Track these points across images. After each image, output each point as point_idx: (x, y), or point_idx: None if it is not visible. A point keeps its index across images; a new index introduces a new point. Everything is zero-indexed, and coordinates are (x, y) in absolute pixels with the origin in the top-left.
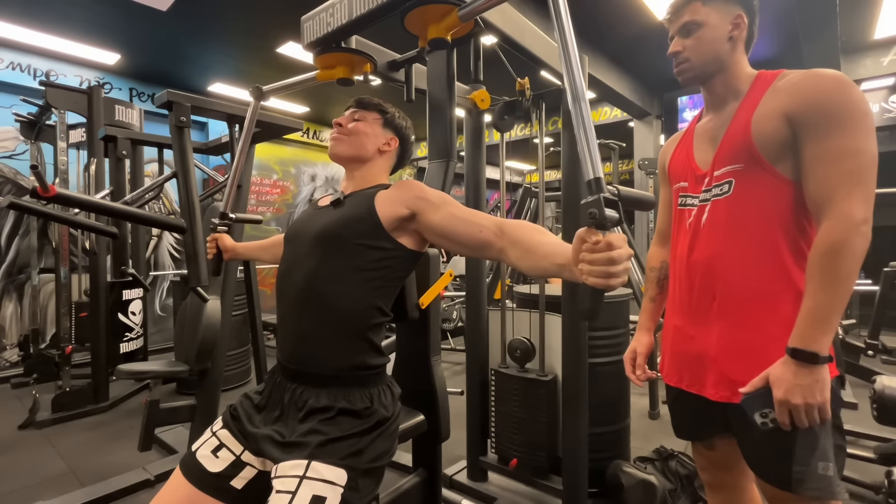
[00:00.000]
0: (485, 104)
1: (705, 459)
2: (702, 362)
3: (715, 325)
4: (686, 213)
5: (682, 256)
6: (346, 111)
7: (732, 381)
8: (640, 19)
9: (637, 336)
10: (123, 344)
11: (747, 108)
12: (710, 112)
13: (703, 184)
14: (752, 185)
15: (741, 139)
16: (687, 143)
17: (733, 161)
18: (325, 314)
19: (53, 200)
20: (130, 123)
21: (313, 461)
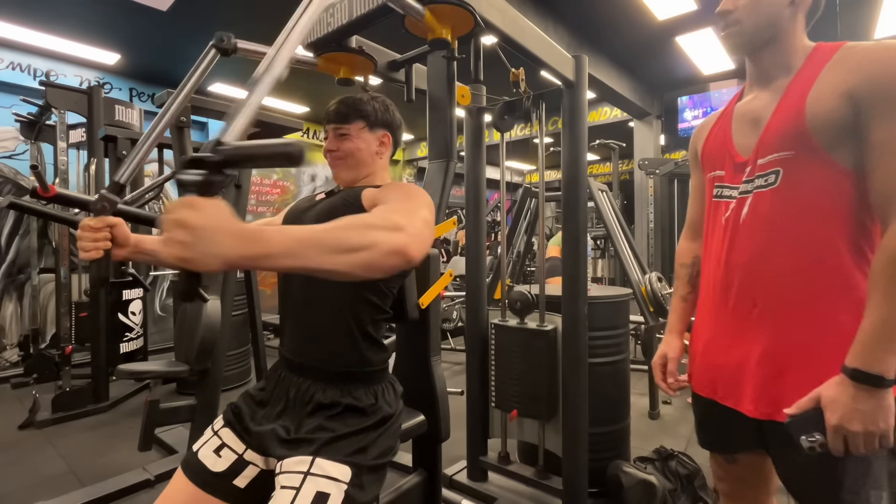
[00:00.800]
0: (465, 100)
1: (724, 471)
2: (739, 374)
3: (755, 334)
4: (722, 206)
5: (718, 256)
6: (328, 130)
7: (774, 398)
8: (641, 19)
9: (666, 339)
10: (123, 344)
11: (801, 85)
12: (755, 89)
13: (743, 173)
14: (804, 175)
15: (792, 122)
16: (724, 125)
17: (781, 147)
18: (323, 311)
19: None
20: (130, 123)
21: (318, 457)
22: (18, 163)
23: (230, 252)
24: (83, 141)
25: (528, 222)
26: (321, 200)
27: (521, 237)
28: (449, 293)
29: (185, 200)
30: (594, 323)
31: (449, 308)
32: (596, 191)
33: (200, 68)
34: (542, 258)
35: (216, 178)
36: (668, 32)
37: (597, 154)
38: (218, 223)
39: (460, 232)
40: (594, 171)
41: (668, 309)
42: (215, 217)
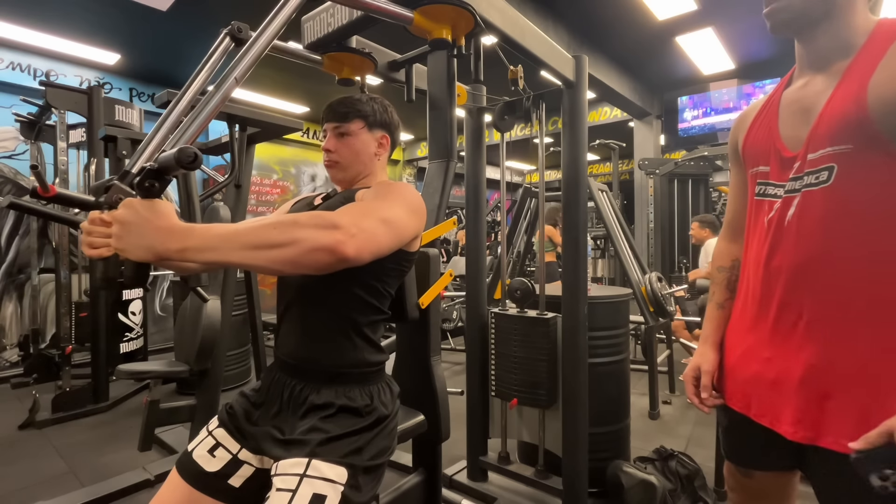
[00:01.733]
0: (461, 99)
1: (737, 483)
2: (779, 391)
3: (800, 348)
4: (765, 205)
5: (759, 260)
6: (326, 129)
7: (817, 422)
8: (641, 19)
9: (700, 350)
10: (123, 344)
11: (862, 69)
12: (806, 73)
13: (791, 169)
14: (863, 172)
15: (851, 110)
16: (770, 116)
17: (838, 140)
18: (321, 312)
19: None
20: (130, 123)
21: (314, 459)
22: (18, 163)
23: (157, 244)
24: (83, 141)
25: (528, 222)
26: (318, 206)
27: (521, 237)
28: (449, 293)
29: (125, 201)
30: (594, 323)
31: (449, 308)
32: (596, 191)
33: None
34: (542, 258)
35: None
36: (668, 32)
37: (597, 154)
38: (146, 220)
39: (460, 232)
40: (594, 171)
41: (669, 309)
42: (145, 214)
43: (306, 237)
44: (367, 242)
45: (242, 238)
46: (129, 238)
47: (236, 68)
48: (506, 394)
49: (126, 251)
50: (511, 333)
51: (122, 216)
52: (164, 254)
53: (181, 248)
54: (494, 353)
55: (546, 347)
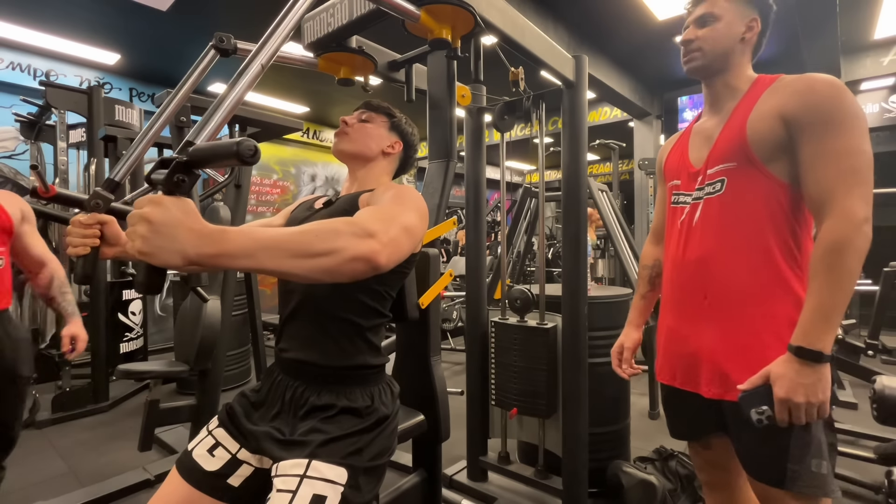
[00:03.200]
0: (465, 100)
1: (702, 459)
2: (695, 360)
3: (707, 323)
4: (679, 211)
5: (675, 255)
6: (355, 111)
7: (725, 378)
8: (641, 19)
9: (625, 331)
10: (123, 344)
11: (744, 108)
12: (708, 112)
13: (696, 182)
14: (745, 184)
15: (736, 138)
16: (683, 142)
17: (727, 160)
18: (323, 315)
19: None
20: (130, 123)
21: (314, 460)
22: (18, 163)
23: (189, 249)
24: (83, 141)
25: (528, 222)
26: (319, 210)
27: (521, 237)
28: (449, 293)
29: (150, 197)
30: (594, 323)
31: (449, 308)
32: (596, 191)
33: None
34: (542, 258)
35: (181, 178)
36: (668, 32)
37: (597, 154)
38: (179, 220)
39: (460, 232)
40: (594, 171)
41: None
42: (177, 214)
43: (346, 246)
44: (395, 251)
45: (283, 246)
46: (158, 240)
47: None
48: (506, 403)
49: (152, 255)
50: (511, 343)
51: (152, 215)
52: (196, 259)
53: (216, 253)
54: (494, 363)
55: (546, 357)
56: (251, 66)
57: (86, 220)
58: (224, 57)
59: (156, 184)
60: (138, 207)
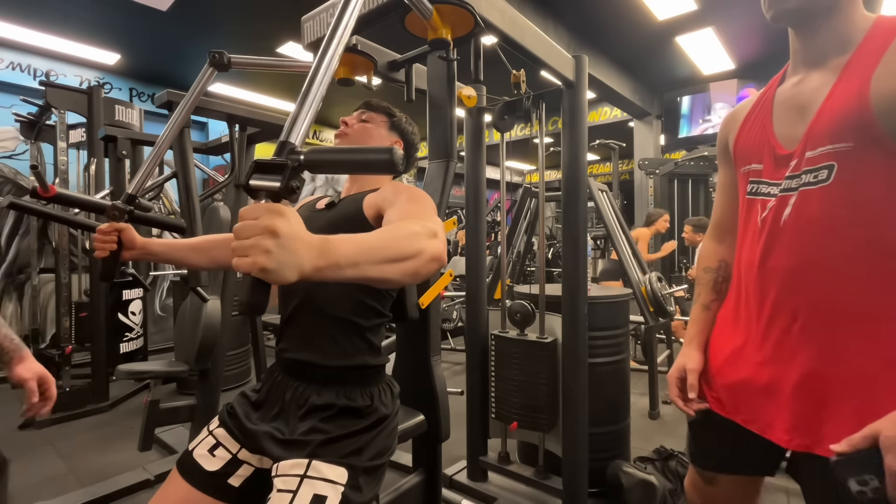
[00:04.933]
0: (471, 102)
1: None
2: (771, 397)
3: (795, 353)
4: (758, 204)
5: (752, 261)
6: (355, 111)
7: (814, 429)
8: (641, 19)
9: (686, 351)
10: (123, 344)
11: (865, 64)
12: (801, 70)
13: (787, 167)
14: (864, 171)
15: (852, 107)
16: (764, 114)
17: (837, 138)
18: (324, 316)
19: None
20: (130, 123)
21: (314, 460)
22: (18, 163)
23: (306, 263)
24: (83, 141)
25: (528, 222)
26: (321, 211)
27: (521, 237)
28: (449, 293)
29: (268, 207)
30: (594, 323)
31: (449, 308)
32: (596, 191)
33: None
34: (542, 258)
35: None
36: (668, 32)
37: (597, 154)
38: (298, 232)
39: (460, 232)
40: (594, 171)
41: (669, 309)
42: (296, 226)
43: (426, 247)
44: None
45: (381, 252)
46: (282, 255)
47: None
48: (506, 417)
49: (273, 272)
50: (511, 356)
51: (281, 227)
52: (309, 274)
53: (326, 265)
54: (494, 376)
55: (546, 371)
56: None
57: (105, 229)
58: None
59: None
60: (251, 217)
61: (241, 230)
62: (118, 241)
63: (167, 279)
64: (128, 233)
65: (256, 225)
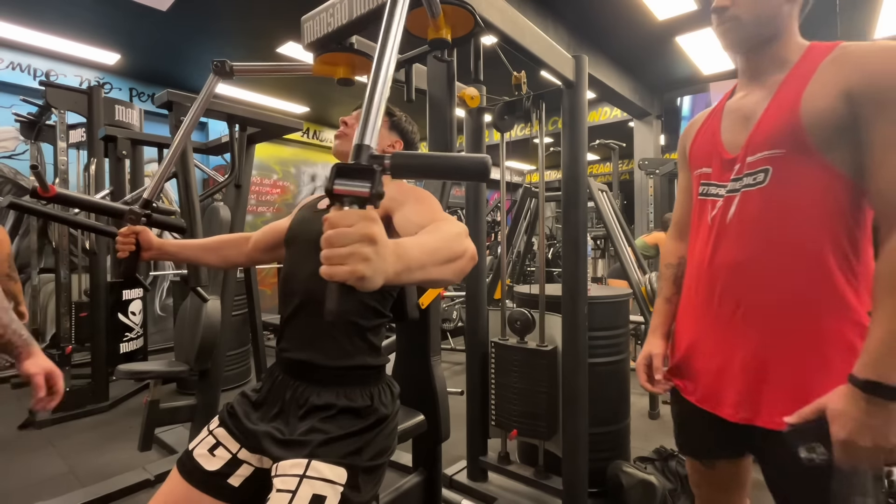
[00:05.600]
0: (474, 102)
1: (701, 477)
2: (720, 377)
3: (737, 338)
4: (708, 204)
5: (703, 256)
6: (354, 111)
7: (756, 401)
8: (641, 19)
9: (650, 340)
10: (123, 344)
11: (797, 82)
12: (747, 86)
13: (731, 171)
14: (795, 175)
15: (786, 118)
16: (714, 123)
17: (773, 145)
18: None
19: (53, 200)
20: (130, 123)
21: (314, 460)
22: (18, 163)
23: (390, 269)
24: (83, 141)
25: (528, 222)
26: (322, 211)
27: (521, 237)
28: (449, 293)
29: (365, 214)
30: (594, 323)
31: (449, 308)
32: (596, 191)
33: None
34: (542, 258)
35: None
36: (668, 32)
37: (597, 154)
38: (386, 241)
39: None
40: (594, 171)
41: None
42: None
43: (468, 246)
44: None
45: (440, 253)
46: (378, 262)
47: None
48: (506, 424)
49: (369, 280)
50: (511, 364)
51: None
52: (392, 280)
53: (402, 269)
54: (495, 384)
55: (546, 379)
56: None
57: (125, 232)
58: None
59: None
60: (346, 224)
61: (337, 238)
62: (136, 242)
63: (167, 279)
64: (145, 235)
65: (353, 233)
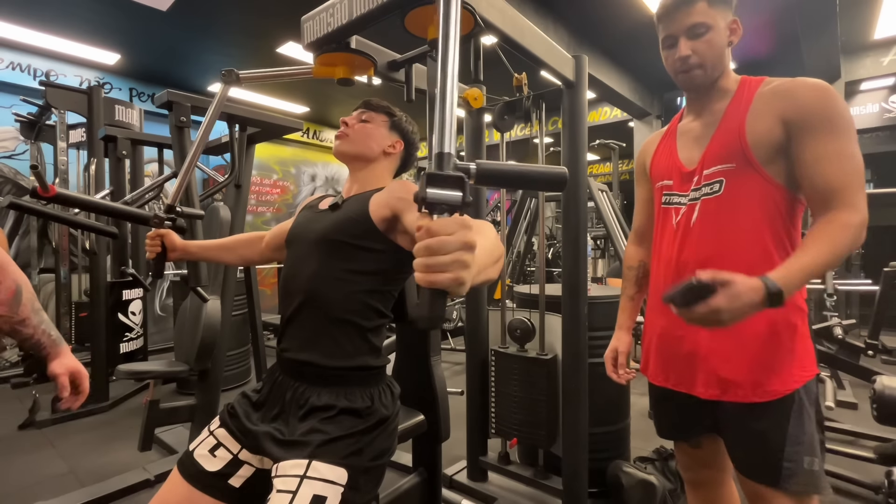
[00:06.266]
0: (478, 102)
1: (689, 458)
2: (691, 362)
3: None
4: (672, 211)
5: (670, 256)
6: (354, 111)
7: (722, 380)
8: (640, 19)
9: (617, 335)
10: (123, 344)
11: (739, 109)
12: (694, 112)
13: (691, 182)
14: (743, 185)
15: (734, 139)
16: (669, 142)
17: (725, 160)
18: (326, 316)
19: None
20: (130, 123)
21: (314, 460)
22: (18, 163)
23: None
24: (83, 141)
25: (528, 222)
26: (324, 212)
27: (521, 237)
28: None
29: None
30: (594, 323)
31: (449, 308)
32: (596, 191)
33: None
34: (542, 258)
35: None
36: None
37: (597, 154)
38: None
39: None
40: (594, 171)
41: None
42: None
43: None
44: None
45: (492, 254)
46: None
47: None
48: (506, 432)
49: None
50: (511, 372)
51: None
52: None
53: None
54: (494, 392)
55: (546, 388)
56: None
57: (151, 235)
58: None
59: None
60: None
61: (441, 246)
62: (162, 244)
63: (167, 279)
64: (169, 238)
65: (455, 241)
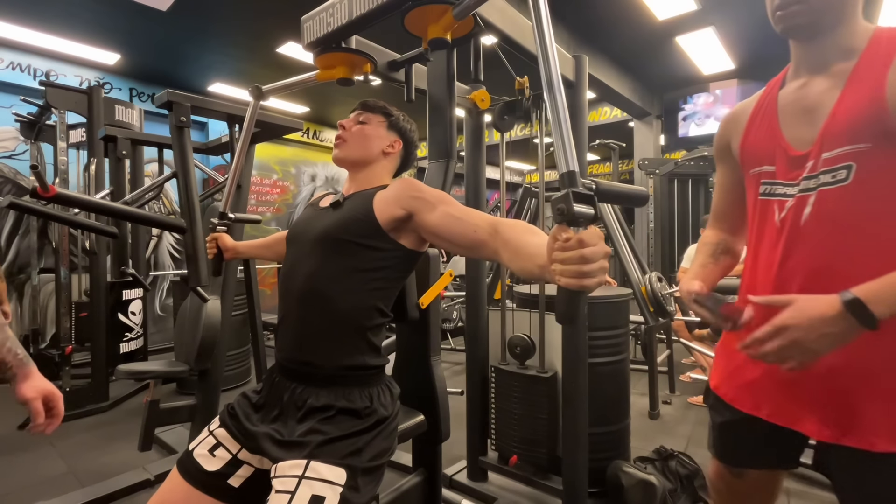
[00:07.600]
0: (485, 104)
1: (725, 484)
2: (796, 392)
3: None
4: (774, 205)
5: (771, 261)
6: (352, 113)
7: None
8: (641, 19)
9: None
10: (123, 344)
11: (874, 69)
12: (804, 75)
13: (802, 168)
14: (883, 171)
15: (868, 109)
16: (769, 116)
17: (855, 139)
18: (325, 315)
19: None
20: (130, 123)
21: (312, 461)
22: (18, 163)
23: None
24: (83, 141)
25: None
26: (325, 210)
27: None
28: (449, 293)
29: (600, 233)
30: (594, 323)
31: (449, 308)
32: None
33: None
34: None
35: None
36: (668, 32)
37: (597, 154)
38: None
39: None
40: (594, 171)
41: (669, 309)
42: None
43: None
44: None
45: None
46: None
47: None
48: (506, 449)
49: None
50: (510, 390)
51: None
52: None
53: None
54: (494, 408)
55: (546, 406)
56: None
57: (208, 238)
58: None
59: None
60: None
61: (593, 255)
62: (217, 246)
63: (167, 279)
64: (223, 240)
65: (601, 251)
